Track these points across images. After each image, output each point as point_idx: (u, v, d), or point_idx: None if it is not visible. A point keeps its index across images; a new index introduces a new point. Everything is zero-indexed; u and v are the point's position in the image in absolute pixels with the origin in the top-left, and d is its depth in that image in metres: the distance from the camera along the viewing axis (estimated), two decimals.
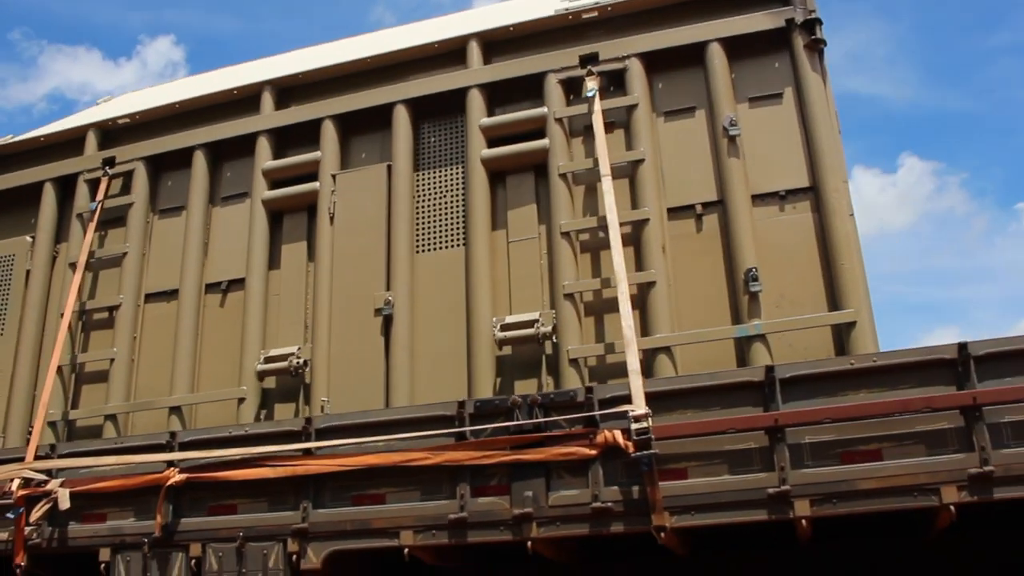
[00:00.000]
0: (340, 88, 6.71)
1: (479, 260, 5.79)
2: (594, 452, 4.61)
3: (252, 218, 6.49)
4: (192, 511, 5.31)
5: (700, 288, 5.41)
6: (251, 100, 6.88)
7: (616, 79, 5.96)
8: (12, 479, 5.62)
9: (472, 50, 6.35)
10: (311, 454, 5.13)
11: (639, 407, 4.57)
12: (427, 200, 6.19)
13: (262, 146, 6.63)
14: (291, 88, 6.90)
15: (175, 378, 6.25)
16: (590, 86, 5.85)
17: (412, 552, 4.86)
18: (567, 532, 4.62)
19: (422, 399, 5.59)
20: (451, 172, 6.20)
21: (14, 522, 5.55)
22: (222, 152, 6.85)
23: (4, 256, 7.13)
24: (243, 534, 5.12)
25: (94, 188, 6.99)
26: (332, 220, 6.25)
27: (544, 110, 5.97)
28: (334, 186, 6.33)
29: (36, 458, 5.74)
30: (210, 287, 6.55)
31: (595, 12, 6.19)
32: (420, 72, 6.52)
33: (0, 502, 5.58)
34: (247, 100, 6.90)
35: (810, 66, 5.55)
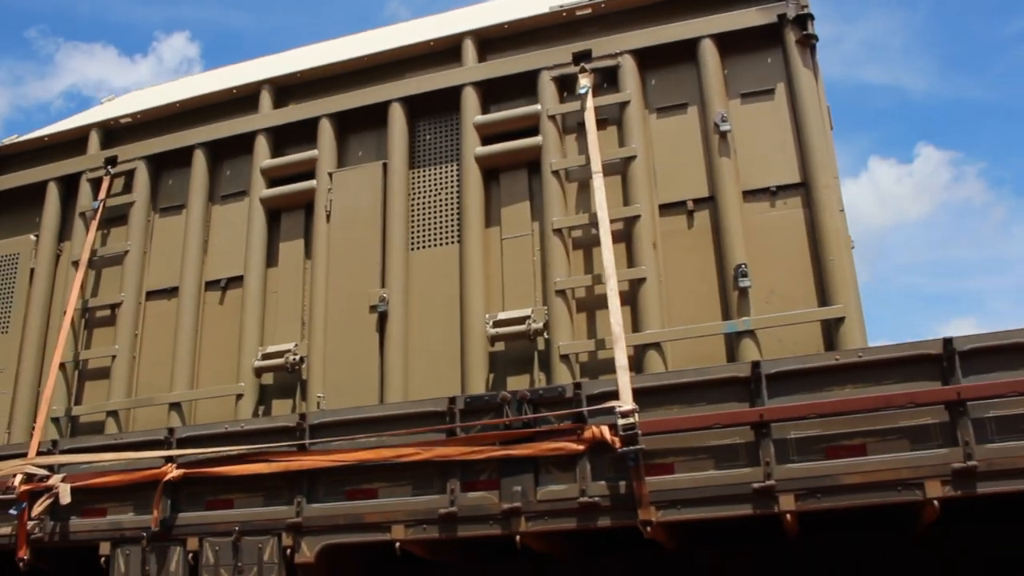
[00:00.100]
0: (337, 87, 6.76)
1: (472, 257, 5.83)
2: (582, 447, 4.65)
3: (250, 216, 6.56)
4: (189, 506, 5.39)
5: (691, 284, 5.43)
6: (250, 99, 6.94)
7: (609, 76, 5.99)
8: (15, 474, 5.74)
9: (467, 48, 6.38)
10: (305, 450, 5.21)
11: (626, 403, 4.61)
12: (422, 197, 6.24)
13: (260, 145, 6.70)
14: (289, 87, 6.96)
15: (175, 375, 6.34)
16: (583, 83, 5.87)
17: (404, 546, 4.92)
18: (555, 526, 4.67)
19: (416, 395, 5.65)
20: (446, 170, 6.25)
21: (17, 517, 5.66)
22: (221, 151, 6.92)
23: (9, 255, 7.24)
24: (239, 528, 5.19)
25: (97, 187, 7.09)
26: (328, 218, 6.31)
27: (537, 107, 6.00)
28: (331, 184, 6.39)
29: (38, 454, 5.85)
30: (210, 285, 6.63)
31: (589, 9, 6.21)
32: (416, 70, 6.57)
33: (3, 497, 5.69)
34: (246, 99, 6.96)
35: (802, 62, 5.55)
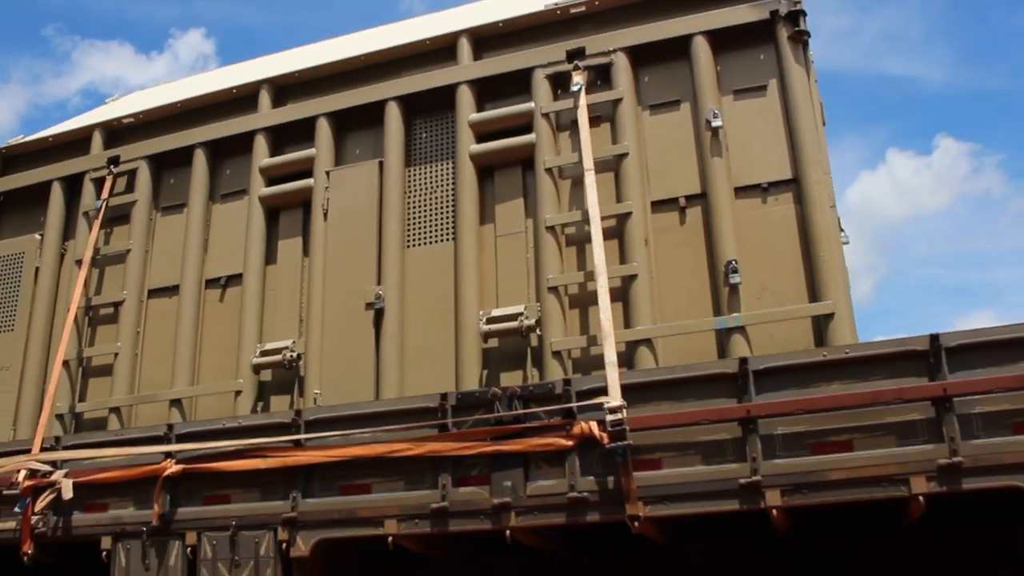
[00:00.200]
0: (335, 86, 6.81)
1: (467, 254, 5.88)
2: (571, 443, 4.70)
3: (250, 215, 6.63)
4: (188, 501, 5.48)
5: (683, 280, 5.45)
6: (249, 99, 7.00)
7: (603, 73, 6.01)
8: (19, 470, 5.84)
9: (462, 46, 6.42)
10: (301, 445, 5.28)
11: (614, 399, 4.65)
12: (418, 195, 6.29)
13: (259, 144, 6.76)
14: (288, 86, 7.01)
15: (176, 371, 6.42)
16: (576, 81, 5.90)
17: (397, 541, 4.99)
18: (544, 521, 4.72)
19: (411, 391, 5.70)
20: (441, 168, 6.29)
21: (21, 512, 5.76)
22: (221, 150, 6.99)
23: (14, 254, 7.34)
24: (236, 523, 5.28)
25: (100, 187, 7.17)
26: (326, 216, 6.37)
27: (531, 105, 6.03)
28: (328, 182, 6.45)
29: (41, 450, 5.96)
30: (210, 282, 6.71)
31: (583, 7, 6.23)
32: (412, 69, 6.61)
33: (7, 492, 5.79)
34: (246, 99, 7.02)
35: (793, 58, 5.55)
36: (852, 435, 4.34)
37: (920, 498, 4.17)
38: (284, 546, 5.15)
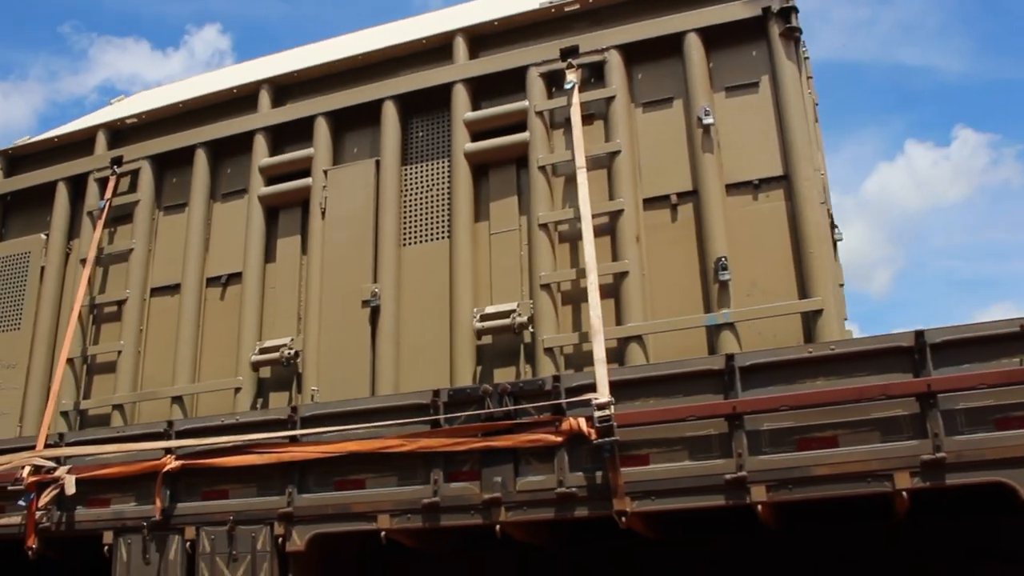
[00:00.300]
0: (333, 85, 6.88)
1: (461, 252, 5.93)
2: (560, 439, 4.74)
3: (249, 214, 6.71)
4: (187, 496, 5.58)
5: (674, 277, 5.49)
6: (250, 99, 7.08)
7: (596, 71, 6.03)
8: (23, 466, 5.96)
9: (458, 45, 6.46)
10: (296, 441, 5.35)
11: (603, 395, 4.69)
12: (414, 194, 6.35)
13: (259, 143, 6.84)
14: (287, 86, 7.09)
15: (177, 369, 6.53)
16: (569, 79, 5.93)
17: (390, 535, 5.05)
18: (534, 516, 4.77)
19: (407, 387, 5.77)
20: (437, 166, 6.35)
21: (26, 507, 5.88)
22: (222, 150, 7.08)
23: (20, 253, 7.46)
24: (233, 518, 5.36)
25: (103, 187, 7.27)
26: (323, 215, 6.44)
27: (525, 104, 6.07)
28: (325, 181, 6.51)
29: (46, 446, 6.07)
30: (211, 281, 6.81)
31: (577, 5, 6.26)
32: (409, 68, 6.65)
33: (12, 488, 5.91)
34: (246, 99, 7.10)
35: (785, 54, 5.56)
36: (837, 431, 4.36)
37: (904, 494, 4.19)
38: (280, 541, 5.23)
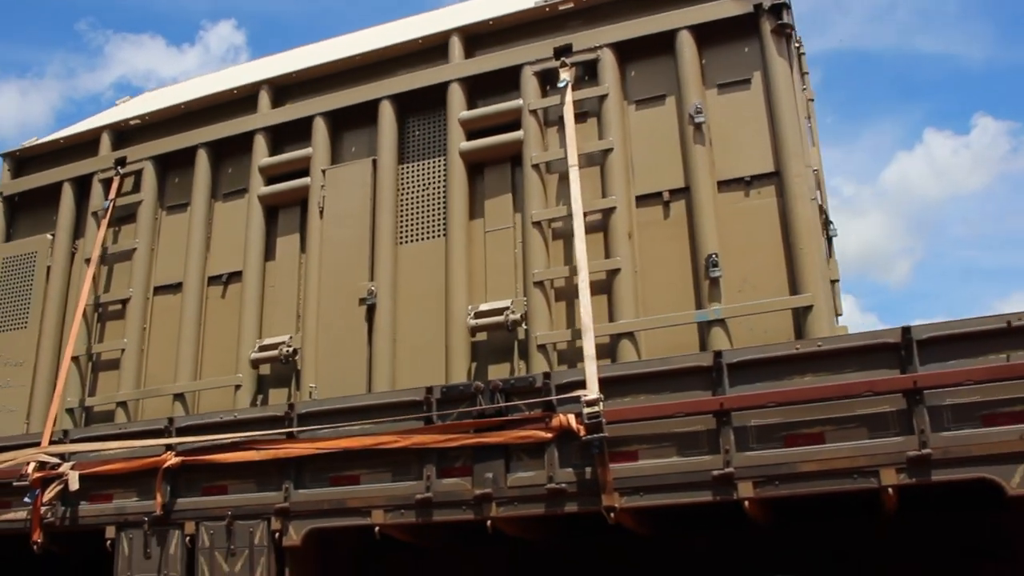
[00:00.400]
0: (332, 85, 6.93)
1: (456, 250, 5.98)
2: (550, 435, 4.79)
3: (249, 213, 6.79)
4: (187, 492, 5.67)
5: (666, 274, 5.51)
6: (250, 99, 7.14)
7: (590, 69, 6.06)
8: (28, 462, 6.07)
9: (454, 45, 6.50)
10: (293, 438, 5.43)
11: (592, 392, 4.73)
12: (410, 192, 6.40)
13: (259, 144, 6.91)
14: (287, 87, 7.15)
15: (179, 366, 6.62)
16: (563, 77, 5.96)
17: (384, 530, 5.12)
18: (524, 512, 4.82)
19: (403, 384, 5.83)
20: (433, 165, 6.39)
21: (31, 502, 5.99)
22: (223, 150, 7.15)
23: (27, 253, 7.58)
24: (232, 513, 5.44)
25: (108, 187, 7.37)
26: (321, 214, 6.51)
27: (519, 102, 6.11)
28: (323, 181, 6.58)
29: (50, 443, 6.18)
30: (212, 279, 6.89)
31: (571, 4, 6.28)
32: (406, 68, 6.70)
33: (18, 484, 6.02)
34: (246, 99, 7.17)
35: (776, 51, 5.57)
36: (824, 427, 4.39)
37: (890, 490, 4.21)
38: (277, 536, 5.31)
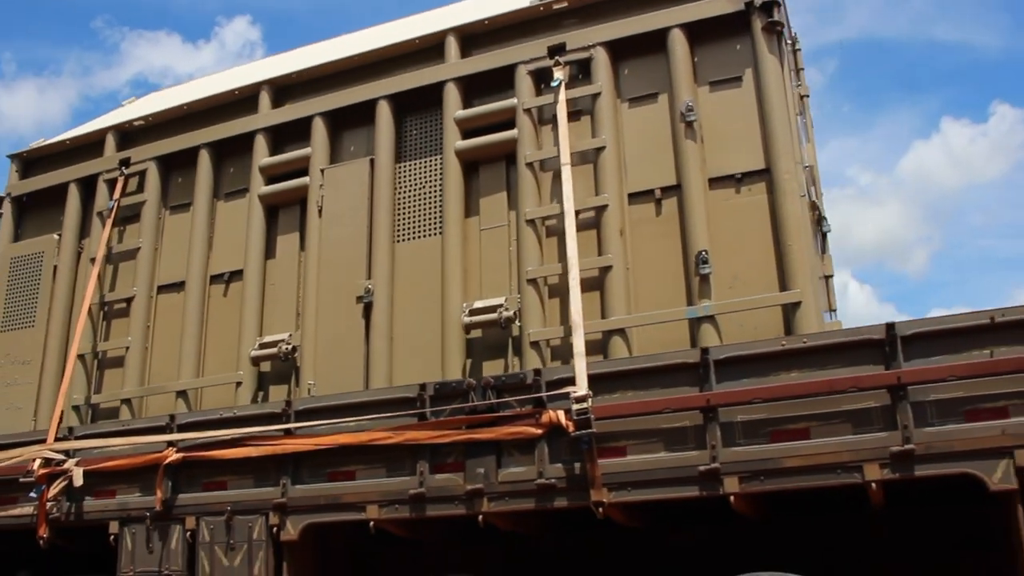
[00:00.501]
0: (331, 86, 7.01)
1: (452, 248, 6.06)
2: (539, 431, 4.85)
3: (250, 213, 6.88)
4: (188, 487, 5.77)
5: (658, 271, 5.56)
6: (251, 100, 7.23)
7: (584, 68, 6.11)
8: (34, 459, 6.20)
9: (450, 45, 6.56)
10: (291, 434, 5.51)
11: (581, 388, 4.79)
12: (407, 191, 6.47)
13: (259, 144, 7.00)
14: (287, 87, 7.23)
15: (182, 364, 6.73)
16: (556, 76, 6.02)
17: (379, 525, 5.20)
18: (515, 507, 4.89)
19: (399, 381, 5.91)
20: (430, 164, 6.46)
21: (37, 498, 6.12)
22: (225, 150, 7.25)
23: (34, 253, 7.71)
24: (231, 508, 5.54)
25: (112, 187, 7.49)
26: (320, 213, 6.59)
27: (514, 101, 6.16)
28: (322, 180, 6.66)
29: (56, 440, 6.30)
30: (214, 278, 6.99)
31: (565, 3, 6.32)
32: (404, 68, 6.76)
33: (24, 480, 6.15)
34: (247, 100, 7.26)
35: (767, 48, 5.60)
36: (809, 423, 4.42)
37: (874, 485, 4.24)
38: (275, 530, 5.41)
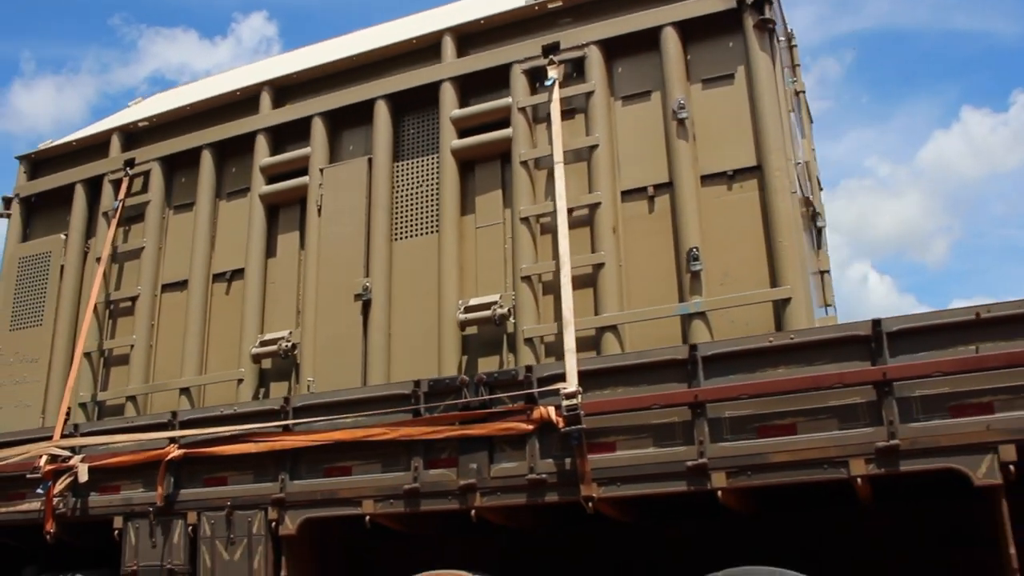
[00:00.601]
0: (331, 86, 7.09)
1: (448, 246, 6.12)
2: (531, 427, 4.91)
3: (251, 212, 6.97)
4: (190, 483, 5.87)
5: (650, 268, 5.60)
6: (252, 101, 7.32)
7: (578, 66, 6.15)
8: (41, 456, 6.32)
9: (446, 44, 6.62)
10: (289, 430, 5.60)
11: (571, 385, 4.85)
12: (404, 190, 6.54)
13: (260, 144, 7.09)
14: (288, 87, 7.31)
15: (185, 361, 6.84)
16: (550, 75, 6.06)
17: (375, 519, 5.27)
18: (507, 501, 4.96)
19: (397, 377, 5.98)
20: (427, 163, 6.53)
21: (44, 494, 6.24)
22: (227, 150, 7.34)
23: (42, 253, 7.84)
24: (231, 503, 5.64)
25: (117, 188, 7.60)
26: (320, 211, 6.68)
27: (509, 100, 6.22)
28: (321, 179, 6.74)
29: (62, 437, 6.42)
30: (217, 277, 7.09)
31: (560, 2, 6.36)
32: (402, 67, 6.83)
33: (31, 476, 6.27)
34: (249, 101, 7.35)
35: (759, 45, 5.62)
36: (796, 419, 4.46)
37: (859, 479, 4.28)
38: (274, 525, 5.50)
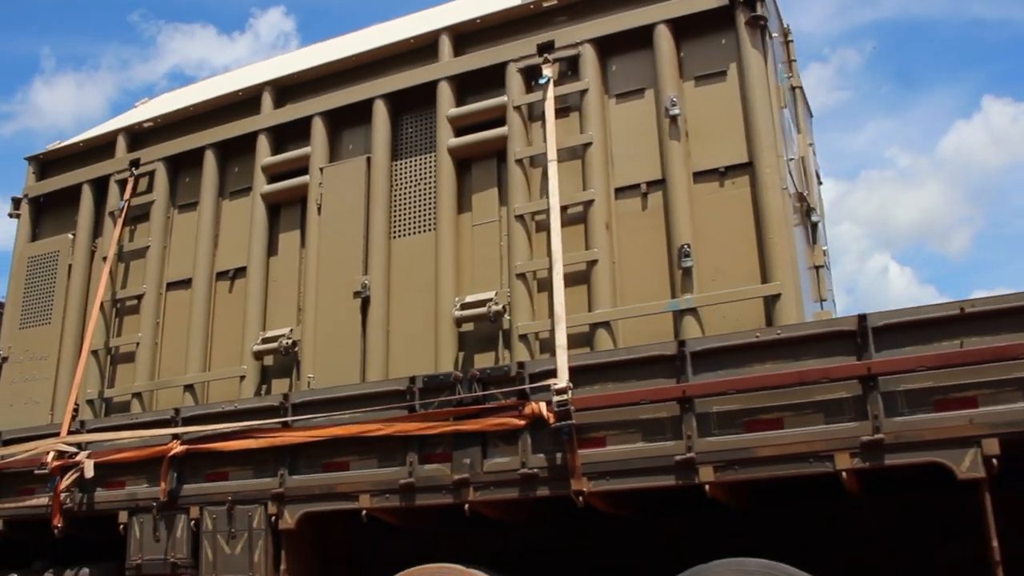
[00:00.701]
0: (330, 86, 7.16)
1: (445, 244, 6.20)
2: (522, 423, 4.98)
3: (253, 211, 7.07)
4: (192, 478, 5.99)
5: (643, 264, 5.65)
6: (254, 101, 7.41)
7: (572, 65, 6.20)
8: (48, 452, 6.46)
9: (443, 44, 6.68)
10: (288, 426, 5.70)
11: (562, 381, 4.92)
12: (403, 189, 6.62)
13: (262, 144, 7.18)
14: (289, 87, 7.39)
15: (189, 359, 6.95)
16: (544, 73, 6.12)
17: (372, 513, 5.37)
18: (499, 496, 5.03)
19: (395, 374, 6.07)
20: (425, 161, 6.60)
21: (52, 489, 6.38)
22: (229, 150, 7.44)
23: (50, 252, 7.97)
24: (232, 498, 5.75)
25: (123, 188, 7.72)
26: (319, 210, 6.77)
27: (504, 99, 6.28)
28: (321, 178, 6.83)
29: (68, 433, 6.56)
30: (220, 275, 7.20)
31: (555, 1, 6.41)
32: (400, 67, 6.89)
33: (39, 472, 6.42)
34: (250, 101, 7.44)
35: (751, 42, 5.65)
36: (783, 413, 4.51)
37: (844, 474, 4.32)
38: (273, 519, 5.60)
